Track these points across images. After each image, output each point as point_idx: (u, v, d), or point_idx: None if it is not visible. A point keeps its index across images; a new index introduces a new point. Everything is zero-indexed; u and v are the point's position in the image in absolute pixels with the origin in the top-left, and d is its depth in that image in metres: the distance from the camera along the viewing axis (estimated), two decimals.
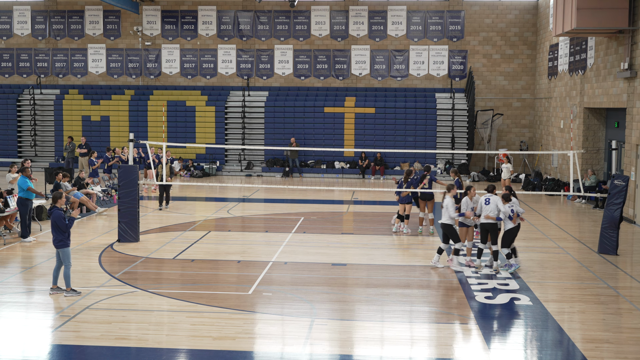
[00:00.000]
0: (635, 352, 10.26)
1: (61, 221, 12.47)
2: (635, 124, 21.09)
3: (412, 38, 35.26)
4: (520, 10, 34.77)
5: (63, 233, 12.52)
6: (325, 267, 15.15)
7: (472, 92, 33.44)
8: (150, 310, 11.87)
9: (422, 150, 26.57)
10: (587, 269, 15.23)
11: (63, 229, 12.50)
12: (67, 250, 12.60)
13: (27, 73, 37.19)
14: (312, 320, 11.46)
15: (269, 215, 22.11)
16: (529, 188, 28.97)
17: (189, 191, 27.96)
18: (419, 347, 10.49)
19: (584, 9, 21.16)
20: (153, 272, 14.66)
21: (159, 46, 36.45)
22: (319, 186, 29.43)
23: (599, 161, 26.54)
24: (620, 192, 16.41)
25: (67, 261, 12.60)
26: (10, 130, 35.83)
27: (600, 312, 12.15)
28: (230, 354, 10.01)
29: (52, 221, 12.55)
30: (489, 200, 14.64)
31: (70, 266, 12.67)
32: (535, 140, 34.51)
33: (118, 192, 17.49)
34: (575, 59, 27.45)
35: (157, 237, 18.17)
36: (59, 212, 12.54)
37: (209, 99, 35.20)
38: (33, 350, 10.17)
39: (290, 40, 35.87)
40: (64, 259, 12.60)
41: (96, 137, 34.65)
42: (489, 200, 14.65)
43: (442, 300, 12.79)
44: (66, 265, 12.61)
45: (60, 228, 12.49)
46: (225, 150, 34.61)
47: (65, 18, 36.85)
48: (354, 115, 33.98)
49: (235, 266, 15.21)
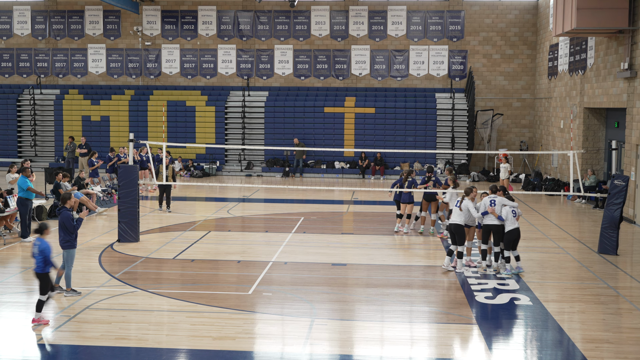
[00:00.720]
0: (635, 352, 10.26)
1: (69, 222, 12.49)
2: (635, 124, 21.09)
3: (412, 38, 35.26)
4: (520, 10, 34.77)
5: (70, 234, 12.52)
6: (325, 267, 15.15)
7: (472, 92, 33.44)
8: (150, 310, 11.87)
9: (422, 150, 26.56)
10: (587, 269, 15.23)
11: (71, 230, 12.51)
12: (72, 251, 12.62)
13: (27, 73, 37.19)
14: (312, 320, 11.46)
15: (269, 215, 22.11)
16: (529, 188, 28.97)
17: (189, 191, 27.96)
18: (419, 347, 10.49)
19: (584, 9, 21.16)
20: (153, 272, 14.66)
21: (159, 46, 36.45)
22: (319, 186, 29.43)
23: (599, 161, 26.54)
24: (620, 192, 16.41)
25: (70, 262, 12.62)
26: (10, 130, 35.83)
27: (600, 312, 12.15)
28: (230, 354, 10.00)
29: (61, 222, 12.55)
30: (494, 202, 14.62)
31: (72, 267, 12.70)
32: (535, 140, 34.52)
33: (118, 192, 17.49)
34: (575, 59, 27.45)
35: (157, 237, 18.17)
36: (68, 213, 12.57)
37: (209, 99, 35.21)
38: (33, 350, 10.17)
39: (290, 40, 35.87)
40: (67, 259, 12.58)
41: (96, 137, 34.66)
42: (494, 201, 14.63)
43: (442, 300, 12.79)
44: (68, 266, 12.61)
45: (68, 229, 12.50)
46: (225, 150, 34.61)
47: (65, 18, 36.85)
48: (354, 115, 33.98)
49: (235, 266, 15.21)
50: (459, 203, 14.80)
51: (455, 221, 14.68)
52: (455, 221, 14.67)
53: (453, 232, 14.71)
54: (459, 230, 14.63)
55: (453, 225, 14.68)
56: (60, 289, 12.66)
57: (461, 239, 14.66)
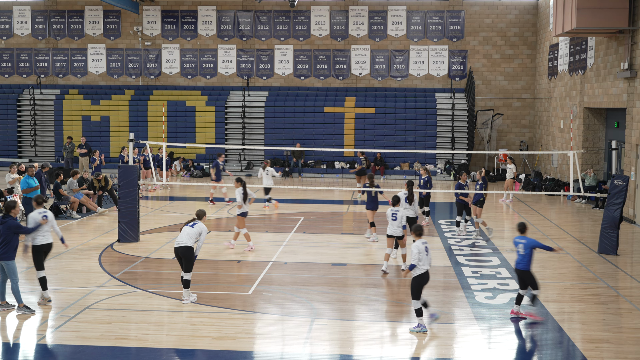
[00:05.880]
0: (635, 352, 10.26)
1: (19, 228, 11.64)
2: (635, 124, 21.09)
3: (412, 38, 35.26)
4: (520, 10, 34.77)
5: (7, 244, 11.51)
6: (325, 267, 15.15)
7: (472, 92, 33.44)
8: (150, 310, 11.87)
9: (422, 150, 26.52)
10: (587, 269, 15.23)
11: (25, 232, 11.72)
12: (12, 263, 11.60)
13: (27, 73, 37.19)
14: (312, 320, 11.46)
15: (269, 215, 22.11)
16: (529, 188, 28.98)
17: (189, 191, 27.96)
18: (419, 347, 10.49)
19: (584, 9, 21.16)
20: (153, 272, 14.66)
21: (159, 46, 36.45)
22: (319, 186, 29.43)
23: (599, 161, 26.54)
24: (620, 192, 16.41)
25: (13, 275, 11.62)
26: (10, 130, 35.82)
27: (600, 312, 12.15)
28: (230, 354, 10.01)
29: (3, 231, 11.52)
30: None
31: (17, 281, 11.69)
32: (535, 140, 34.52)
33: (118, 192, 17.49)
34: (575, 59, 27.46)
35: (157, 237, 18.17)
36: (15, 222, 11.71)
37: (209, 99, 35.20)
38: (33, 350, 10.17)
39: (290, 40, 35.87)
40: (9, 273, 11.60)
41: (96, 137, 34.65)
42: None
43: (442, 300, 12.78)
44: (12, 280, 11.64)
45: (20, 233, 11.65)
46: (225, 150, 34.60)
47: (65, 18, 36.85)
48: (354, 115, 33.97)
49: (235, 266, 15.21)
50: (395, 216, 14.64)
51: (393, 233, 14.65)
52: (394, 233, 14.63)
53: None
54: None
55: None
56: (9, 305, 11.86)
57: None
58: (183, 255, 12.13)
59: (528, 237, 11.74)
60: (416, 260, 10.92)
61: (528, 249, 11.55)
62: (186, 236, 12.17)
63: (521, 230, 11.87)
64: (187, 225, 12.33)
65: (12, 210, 11.81)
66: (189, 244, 12.16)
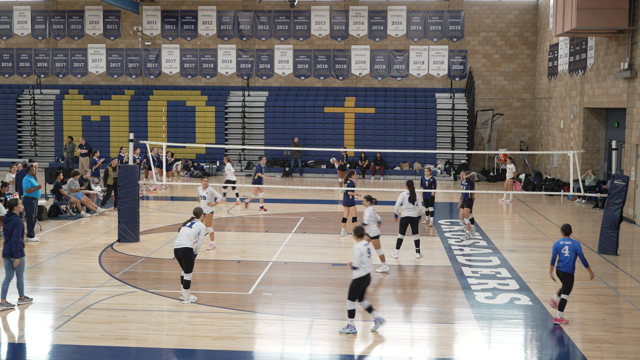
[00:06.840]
0: (635, 352, 10.26)
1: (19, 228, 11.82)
2: (635, 124, 21.09)
3: (412, 38, 35.26)
4: (520, 10, 34.77)
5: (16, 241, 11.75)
6: (325, 267, 15.16)
7: (472, 92, 33.44)
8: (150, 310, 11.87)
9: (422, 150, 26.51)
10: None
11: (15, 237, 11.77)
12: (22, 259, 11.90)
13: (27, 73, 37.19)
14: (312, 320, 11.46)
15: (269, 215, 22.11)
16: (529, 188, 28.98)
17: (189, 191, 27.95)
18: (419, 347, 10.49)
19: (584, 9, 21.16)
20: (153, 272, 14.66)
21: (159, 46, 36.45)
22: (319, 186, 29.43)
23: (599, 161, 26.54)
24: (620, 192, 16.41)
25: (20, 272, 11.92)
26: (10, 130, 35.83)
27: (600, 312, 12.15)
28: (230, 354, 10.01)
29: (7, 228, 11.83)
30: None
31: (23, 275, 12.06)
32: (535, 140, 34.52)
33: (118, 192, 17.49)
34: (575, 59, 27.46)
35: (157, 237, 18.16)
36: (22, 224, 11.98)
37: (209, 99, 35.21)
38: (33, 350, 10.17)
39: (290, 40, 35.87)
40: (18, 268, 11.89)
41: (96, 137, 34.65)
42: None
43: (442, 300, 12.78)
44: (19, 276, 11.96)
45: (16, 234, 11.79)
46: (225, 150, 34.60)
47: (65, 18, 36.85)
48: (354, 115, 33.98)
49: (235, 266, 15.21)
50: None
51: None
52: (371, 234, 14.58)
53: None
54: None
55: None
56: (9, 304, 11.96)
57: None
58: (183, 256, 12.13)
59: (573, 240, 11.59)
60: (358, 263, 10.89)
61: (573, 252, 11.41)
62: (185, 237, 12.17)
63: (566, 232, 11.61)
64: (185, 226, 12.32)
65: (14, 208, 12.11)
66: (188, 245, 12.15)
